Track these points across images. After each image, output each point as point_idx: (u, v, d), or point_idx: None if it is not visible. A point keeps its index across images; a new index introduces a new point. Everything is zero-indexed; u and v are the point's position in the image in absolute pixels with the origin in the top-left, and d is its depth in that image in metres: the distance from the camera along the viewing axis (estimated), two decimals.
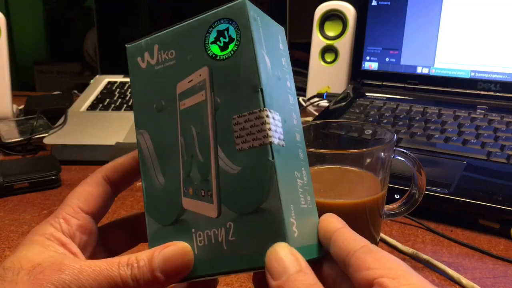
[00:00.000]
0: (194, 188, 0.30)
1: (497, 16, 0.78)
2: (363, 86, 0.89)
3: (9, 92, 0.95)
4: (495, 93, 0.79)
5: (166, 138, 0.32)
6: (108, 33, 1.08)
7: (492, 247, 0.54)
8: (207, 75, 0.30)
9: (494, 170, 0.62)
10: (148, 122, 0.32)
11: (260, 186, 0.28)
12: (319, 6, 1.01)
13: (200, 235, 0.29)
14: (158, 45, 0.32)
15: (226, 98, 0.29)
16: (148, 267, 0.28)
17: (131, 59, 0.33)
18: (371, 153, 0.44)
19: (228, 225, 0.28)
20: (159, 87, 0.32)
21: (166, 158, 0.32)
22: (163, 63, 0.32)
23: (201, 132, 0.30)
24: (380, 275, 0.25)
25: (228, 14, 0.30)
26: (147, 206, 0.32)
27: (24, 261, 0.28)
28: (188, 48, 0.31)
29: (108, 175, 0.35)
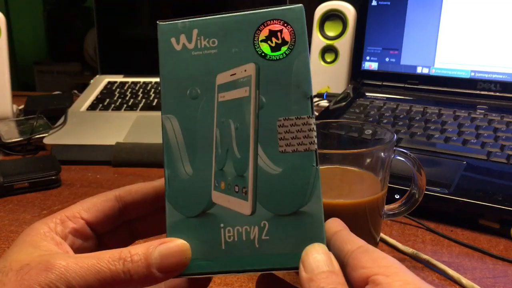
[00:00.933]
0: (227, 182, 0.30)
1: (497, 16, 0.78)
2: (363, 86, 0.89)
3: (9, 92, 0.95)
4: (495, 93, 0.79)
5: (199, 127, 0.30)
6: (108, 33, 1.08)
7: (492, 247, 0.54)
8: (254, 72, 0.30)
9: (494, 170, 0.62)
10: (179, 107, 0.31)
11: (302, 190, 0.29)
12: (319, 6, 1.01)
13: (229, 231, 0.29)
14: (198, 30, 0.31)
15: (272, 98, 0.30)
16: (143, 262, 0.28)
17: (164, 38, 0.32)
18: (371, 153, 0.44)
19: (263, 224, 0.29)
20: (196, 73, 0.31)
21: (197, 148, 0.30)
22: (202, 50, 0.31)
23: (240, 128, 0.30)
24: (375, 273, 0.26)
25: (285, 17, 0.30)
26: (169, 194, 0.30)
27: (14, 262, 0.28)
28: (233, 40, 0.30)
29: (121, 194, 0.35)
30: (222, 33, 0.31)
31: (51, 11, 2.53)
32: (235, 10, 0.31)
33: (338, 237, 0.29)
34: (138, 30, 1.11)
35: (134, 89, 1.01)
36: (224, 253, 0.29)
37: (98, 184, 0.71)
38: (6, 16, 0.97)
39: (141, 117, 0.89)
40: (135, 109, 0.92)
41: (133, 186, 0.35)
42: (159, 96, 0.35)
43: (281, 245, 0.29)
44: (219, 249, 0.29)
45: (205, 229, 0.30)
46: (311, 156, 0.29)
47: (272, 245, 0.29)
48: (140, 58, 1.09)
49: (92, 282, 0.27)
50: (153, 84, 1.03)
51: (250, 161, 0.30)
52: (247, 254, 0.29)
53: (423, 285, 0.25)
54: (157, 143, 0.78)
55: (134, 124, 0.86)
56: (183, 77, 0.31)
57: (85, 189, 0.69)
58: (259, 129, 0.30)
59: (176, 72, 0.31)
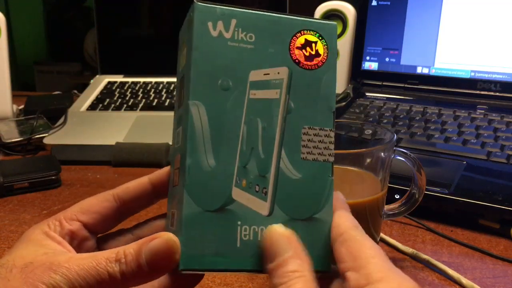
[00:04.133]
0: (248, 180, 0.30)
1: (497, 16, 0.78)
2: (363, 86, 0.89)
3: (9, 92, 0.95)
4: (495, 93, 0.79)
5: (227, 120, 0.30)
6: (108, 33, 1.08)
7: (492, 247, 0.54)
8: (286, 76, 0.30)
9: (494, 170, 0.62)
10: (208, 96, 0.29)
11: (318, 197, 0.30)
12: (319, 6, 1.01)
13: (246, 230, 0.29)
14: (236, 21, 0.30)
15: (300, 106, 0.31)
16: (135, 262, 0.28)
17: (200, 20, 0.30)
18: (371, 153, 0.44)
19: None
20: (230, 65, 0.30)
21: (222, 141, 0.30)
22: (238, 42, 0.30)
23: (267, 129, 0.30)
24: (347, 268, 0.27)
25: (321, 30, 0.31)
26: (188, 184, 0.29)
27: (18, 259, 0.29)
28: (271, 41, 0.31)
29: (119, 193, 0.35)
30: (260, 30, 0.30)
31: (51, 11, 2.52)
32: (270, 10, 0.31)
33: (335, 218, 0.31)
34: (138, 30, 1.11)
35: (134, 89, 1.01)
36: (239, 251, 0.29)
37: (98, 184, 0.71)
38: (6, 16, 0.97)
39: (141, 117, 0.89)
40: (135, 109, 0.92)
41: (130, 183, 0.35)
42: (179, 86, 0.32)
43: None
44: (234, 247, 0.29)
45: (222, 225, 0.29)
46: (329, 167, 0.31)
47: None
48: (140, 58, 1.09)
49: (92, 283, 0.28)
50: (153, 84, 1.03)
51: (273, 162, 0.30)
52: (260, 254, 0.29)
53: (385, 276, 0.26)
54: (157, 143, 0.78)
55: (134, 124, 0.86)
56: (216, 66, 0.30)
57: (85, 189, 0.69)
58: (284, 133, 0.30)
59: (210, 59, 0.30)
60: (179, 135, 0.31)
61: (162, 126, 0.85)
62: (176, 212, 0.30)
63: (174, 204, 0.31)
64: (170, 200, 0.33)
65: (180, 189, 0.29)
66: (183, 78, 0.31)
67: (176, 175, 0.31)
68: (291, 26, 0.31)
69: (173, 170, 0.32)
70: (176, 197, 0.31)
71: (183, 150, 0.30)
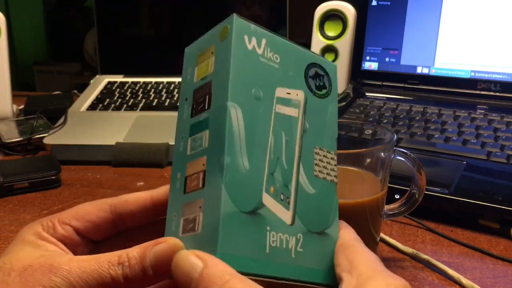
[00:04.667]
0: (275, 188, 0.31)
1: (497, 16, 0.78)
2: (363, 86, 0.89)
3: (9, 92, 0.95)
4: (495, 93, 0.79)
5: (258, 126, 0.31)
6: (108, 33, 1.08)
7: (492, 247, 0.54)
8: (303, 99, 0.34)
9: (494, 170, 0.62)
10: (244, 101, 0.31)
11: (327, 213, 0.33)
12: (319, 6, 1.01)
13: (273, 236, 0.30)
14: (266, 40, 0.33)
15: (313, 127, 0.34)
16: (139, 266, 0.28)
17: (239, 32, 0.32)
18: (371, 153, 0.44)
19: (299, 236, 0.31)
20: (261, 77, 0.32)
21: (254, 146, 0.30)
22: (267, 60, 0.33)
23: (289, 142, 0.32)
24: (342, 269, 0.28)
25: (326, 67, 0.36)
26: (227, 182, 0.29)
27: (15, 262, 0.28)
28: (291, 65, 0.34)
29: (116, 204, 0.34)
30: (284, 54, 0.33)
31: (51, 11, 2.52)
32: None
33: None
34: (138, 30, 1.11)
35: (134, 89, 1.01)
36: (268, 256, 0.29)
37: (98, 184, 0.71)
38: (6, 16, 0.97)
39: (141, 117, 0.89)
40: (135, 109, 0.92)
41: (130, 196, 0.34)
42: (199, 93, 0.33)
43: (311, 259, 0.31)
44: (264, 252, 0.29)
45: (254, 228, 0.29)
46: (335, 188, 0.34)
47: (306, 258, 0.31)
48: (140, 58, 1.09)
49: (94, 286, 0.27)
50: (153, 84, 1.03)
51: (293, 175, 0.32)
52: (285, 262, 0.30)
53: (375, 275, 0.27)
54: (157, 143, 0.78)
55: (134, 124, 0.86)
56: (250, 76, 0.31)
57: (85, 189, 0.69)
58: (301, 149, 0.33)
59: (245, 68, 0.31)
60: (202, 139, 0.31)
61: (162, 126, 0.85)
62: (201, 215, 0.29)
63: (189, 209, 0.30)
64: (176, 206, 0.32)
65: (212, 189, 0.29)
66: (207, 84, 0.32)
67: (198, 178, 0.30)
68: (306, 57, 0.35)
69: (189, 176, 0.31)
70: (195, 202, 0.30)
71: (216, 150, 0.30)
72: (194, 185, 0.31)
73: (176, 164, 0.33)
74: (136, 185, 0.71)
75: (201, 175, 0.30)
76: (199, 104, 0.32)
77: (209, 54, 0.33)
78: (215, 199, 0.29)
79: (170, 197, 0.32)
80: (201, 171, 0.30)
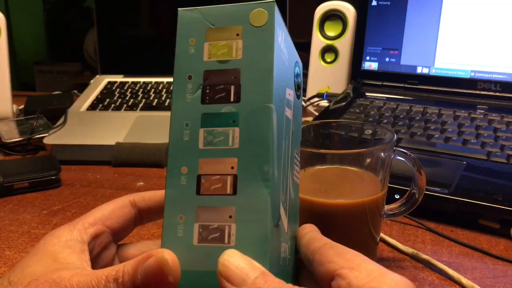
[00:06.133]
0: (284, 196, 0.29)
1: (497, 16, 0.78)
2: (363, 86, 0.89)
3: (9, 92, 0.95)
4: (495, 93, 0.79)
5: (279, 132, 0.29)
6: (108, 33, 1.08)
7: (492, 247, 0.54)
8: (293, 99, 0.32)
9: (494, 170, 0.62)
10: (276, 103, 0.28)
11: (297, 216, 0.33)
12: (319, 6, 1.01)
13: (283, 246, 0.29)
14: (284, 36, 0.30)
15: (295, 130, 0.33)
16: (131, 282, 0.27)
17: (278, 23, 0.29)
18: (371, 153, 0.44)
19: (289, 243, 0.30)
20: (282, 77, 0.30)
21: (279, 152, 0.28)
22: (284, 57, 0.30)
23: (287, 147, 0.31)
24: (340, 266, 0.26)
25: (301, 64, 0.36)
26: (271, 194, 0.27)
27: (27, 275, 0.29)
28: (291, 62, 0.33)
29: (135, 200, 0.35)
30: (289, 50, 0.32)
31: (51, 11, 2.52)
32: None
33: (307, 237, 0.30)
34: (138, 30, 1.11)
35: (134, 89, 1.01)
36: (283, 267, 0.29)
37: (98, 184, 0.71)
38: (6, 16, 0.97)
39: (141, 117, 0.89)
40: (135, 109, 0.92)
41: (146, 193, 0.35)
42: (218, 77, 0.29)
43: (295, 264, 0.31)
44: (279, 263, 0.28)
45: (278, 241, 0.28)
46: (298, 189, 0.34)
47: (292, 263, 0.31)
48: (140, 58, 1.09)
49: None
50: (153, 84, 1.03)
51: (289, 180, 0.31)
52: (287, 270, 0.30)
53: (387, 272, 0.26)
54: (157, 143, 0.78)
55: (134, 124, 0.86)
56: (280, 75, 0.29)
57: (85, 189, 0.69)
58: (290, 152, 0.32)
59: (278, 66, 0.29)
60: (228, 136, 0.28)
61: (162, 126, 0.85)
62: (234, 226, 0.27)
63: (210, 215, 0.27)
64: (182, 207, 0.28)
65: (252, 199, 0.27)
66: (232, 71, 0.28)
67: (224, 182, 0.27)
68: (295, 54, 0.34)
69: (205, 175, 0.28)
70: (220, 209, 0.27)
71: (255, 155, 0.27)
72: (217, 189, 0.27)
73: (177, 154, 0.28)
74: (136, 185, 0.71)
75: (229, 180, 0.27)
76: (217, 91, 0.28)
77: (232, 34, 0.29)
78: (259, 212, 0.26)
79: (170, 194, 0.28)
80: (229, 175, 0.27)
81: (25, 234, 0.57)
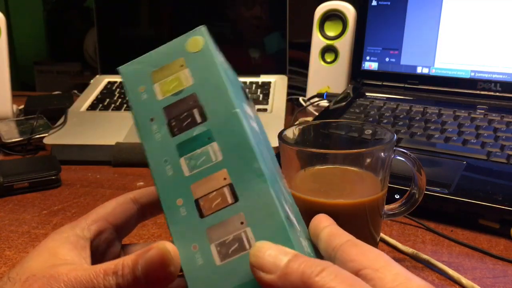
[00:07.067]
0: (283, 196, 0.31)
1: (497, 16, 0.78)
2: (363, 86, 0.89)
3: (9, 92, 0.95)
4: (495, 93, 0.79)
5: (256, 136, 0.31)
6: (108, 33, 1.08)
7: (492, 247, 0.54)
8: (252, 114, 0.34)
9: (494, 170, 0.62)
10: (240, 108, 0.31)
11: None
12: (319, 6, 1.01)
13: (303, 242, 0.29)
14: (216, 47, 0.33)
15: (268, 146, 0.34)
16: (131, 275, 0.27)
17: (212, 42, 0.32)
18: (371, 153, 0.44)
19: (307, 241, 0.30)
20: (235, 92, 0.32)
21: (262, 153, 0.30)
22: (231, 74, 0.34)
23: (267, 155, 0.32)
24: (364, 266, 0.26)
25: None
26: (271, 185, 0.28)
27: (27, 271, 0.29)
28: (235, 77, 0.35)
29: (136, 197, 0.35)
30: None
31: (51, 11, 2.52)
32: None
33: (326, 232, 0.29)
34: (138, 30, 1.11)
35: None
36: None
37: (98, 184, 0.71)
38: (6, 16, 0.97)
39: None
40: None
41: (146, 189, 0.36)
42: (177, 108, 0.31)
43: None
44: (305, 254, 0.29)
45: (294, 232, 0.28)
46: None
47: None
48: None
49: None
50: None
51: (281, 186, 0.32)
52: None
53: (412, 276, 0.25)
54: None
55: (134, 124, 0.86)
56: (231, 83, 0.31)
57: (85, 189, 0.69)
58: None
59: (226, 77, 0.31)
60: (208, 153, 0.29)
61: None
62: (249, 229, 0.27)
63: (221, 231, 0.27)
64: (192, 237, 0.28)
65: (255, 197, 0.27)
66: (189, 98, 0.30)
67: (223, 195, 0.28)
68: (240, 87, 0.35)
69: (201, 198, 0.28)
70: (228, 221, 0.27)
71: (241, 159, 0.28)
72: (219, 204, 0.28)
73: (167, 192, 0.29)
74: (136, 185, 0.71)
75: (226, 190, 0.28)
76: (183, 120, 0.30)
77: (176, 68, 0.31)
78: (266, 206, 0.27)
79: (175, 230, 0.28)
80: (225, 186, 0.28)
81: (25, 234, 0.57)
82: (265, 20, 1.06)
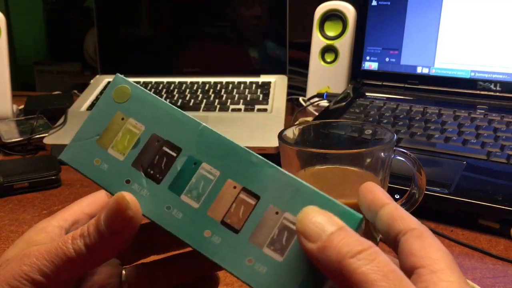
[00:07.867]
0: None
1: (497, 16, 0.78)
2: (363, 86, 0.89)
3: (9, 92, 0.95)
4: (495, 93, 0.79)
5: None
6: (108, 33, 1.08)
7: (492, 247, 0.54)
8: None
9: (494, 170, 0.62)
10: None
11: None
12: (319, 6, 1.01)
13: None
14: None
15: None
16: (96, 231, 0.27)
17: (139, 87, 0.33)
18: (371, 153, 0.44)
19: None
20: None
21: None
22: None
23: None
24: (422, 265, 0.24)
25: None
26: (278, 168, 0.29)
27: (2, 259, 0.29)
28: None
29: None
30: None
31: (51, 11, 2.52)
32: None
33: (388, 211, 0.28)
34: (138, 30, 1.11)
35: None
36: None
37: None
38: (6, 16, 0.97)
39: None
40: None
41: None
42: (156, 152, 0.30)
43: None
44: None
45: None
46: None
47: None
48: (140, 58, 1.09)
49: (61, 265, 0.27)
50: (153, 84, 1.03)
51: None
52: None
53: (466, 286, 0.24)
54: None
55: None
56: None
57: (85, 189, 0.69)
58: None
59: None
60: (204, 176, 0.28)
61: None
62: (287, 213, 0.27)
63: (263, 233, 0.27)
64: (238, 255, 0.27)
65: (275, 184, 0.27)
66: (150, 141, 0.30)
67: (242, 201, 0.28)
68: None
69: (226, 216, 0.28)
70: (264, 220, 0.27)
71: (237, 161, 0.28)
72: (245, 212, 0.27)
73: (190, 233, 0.28)
74: None
75: (243, 195, 0.28)
76: (158, 163, 0.29)
77: (118, 123, 0.30)
78: (289, 184, 0.27)
79: (220, 259, 0.27)
80: (240, 192, 0.28)
81: None
82: (265, 20, 1.06)
